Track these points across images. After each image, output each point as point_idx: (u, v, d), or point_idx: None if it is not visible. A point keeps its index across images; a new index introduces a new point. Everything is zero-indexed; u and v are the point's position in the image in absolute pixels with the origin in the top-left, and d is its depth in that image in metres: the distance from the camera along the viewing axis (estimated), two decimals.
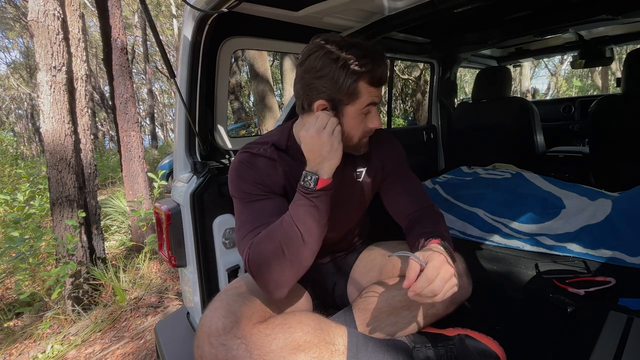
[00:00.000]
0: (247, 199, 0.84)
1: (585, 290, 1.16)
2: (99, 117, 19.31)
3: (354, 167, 0.97)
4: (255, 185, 0.84)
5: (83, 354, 2.08)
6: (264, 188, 0.85)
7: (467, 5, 1.15)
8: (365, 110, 0.81)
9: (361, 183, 0.99)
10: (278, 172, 0.86)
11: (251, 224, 0.80)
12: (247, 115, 9.74)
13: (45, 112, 2.47)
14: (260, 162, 0.86)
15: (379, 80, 0.79)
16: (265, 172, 0.85)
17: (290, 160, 0.89)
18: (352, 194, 0.99)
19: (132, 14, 14.32)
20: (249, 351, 0.70)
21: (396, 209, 1.00)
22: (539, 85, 27.05)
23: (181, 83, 1.17)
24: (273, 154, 0.88)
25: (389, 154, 1.01)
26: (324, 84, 0.77)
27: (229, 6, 0.97)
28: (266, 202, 0.83)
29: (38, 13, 2.38)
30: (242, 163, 0.86)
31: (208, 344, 0.71)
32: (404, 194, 0.99)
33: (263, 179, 0.85)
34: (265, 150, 0.87)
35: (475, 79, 2.51)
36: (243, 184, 0.84)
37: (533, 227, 1.62)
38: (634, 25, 2.02)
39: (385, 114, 2.70)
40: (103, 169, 8.10)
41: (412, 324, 0.90)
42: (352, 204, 1.00)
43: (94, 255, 2.78)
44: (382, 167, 1.00)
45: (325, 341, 0.78)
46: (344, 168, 0.92)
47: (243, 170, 0.85)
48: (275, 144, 0.89)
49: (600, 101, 1.94)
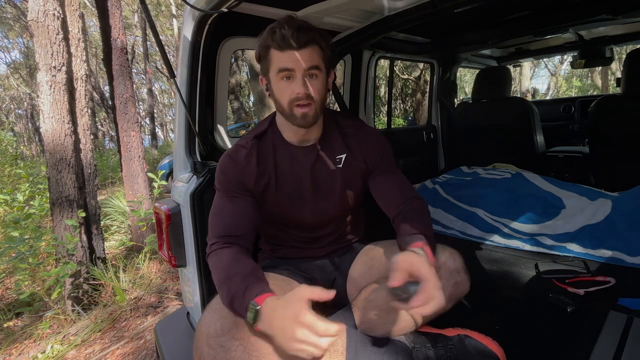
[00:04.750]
0: (224, 193, 0.96)
1: (585, 290, 1.16)
2: (99, 117, 19.30)
3: (332, 152, 1.01)
4: (232, 183, 0.95)
5: (83, 354, 2.08)
6: (239, 186, 0.95)
7: (467, 5, 1.15)
8: (282, 76, 0.85)
9: (342, 169, 1.01)
10: (252, 165, 0.95)
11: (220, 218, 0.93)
12: (247, 115, 9.74)
13: (45, 112, 2.47)
14: (240, 155, 0.96)
15: (280, 45, 0.83)
16: (242, 165, 0.95)
17: (270, 144, 0.99)
18: (332, 179, 1.02)
19: (132, 14, 14.32)
20: (247, 352, 0.70)
21: (384, 200, 1.04)
22: (538, 85, 27.07)
23: (181, 83, 1.17)
24: (253, 147, 0.97)
25: (372, 147, 1.03)
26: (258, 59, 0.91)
27: (229, 6, 0.98)
28: (237, 202, 0.95)
29: (38, 13, 2.38)
30: (228, 156, 0.97)
31: (207, 345, 0.71)
32: (390, 186, 1.04)
33: (239, 175, 0.95)
34: (247, 144, 0.97)
35: (475, 79, 2.51)
36: (223, 178, 0.96)
37: (533, 227, 1.62)
38: (634, 25, 2.02)
39: (385, 114, 2.70)
40: (103, 169, 8.10)
41: (411, 321, 0.90)
42: (334, 190, 1.02)
43: (94, 255, 2.78)
44: (364, 159, 1.03)
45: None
46: (318, 154, 0.99)
47: (226, 164, 0.96)
48: (257, 135, 0.99)
49: (600, 101, 1.94)
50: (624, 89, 1.84)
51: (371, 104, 2.10)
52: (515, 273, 1.37)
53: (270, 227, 1.10)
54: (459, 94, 7.06)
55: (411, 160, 2.43)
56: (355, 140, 1.03)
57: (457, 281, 0.89)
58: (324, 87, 0.90)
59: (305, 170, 0.99)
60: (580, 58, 2.43)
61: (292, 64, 0.83)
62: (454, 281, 0.89)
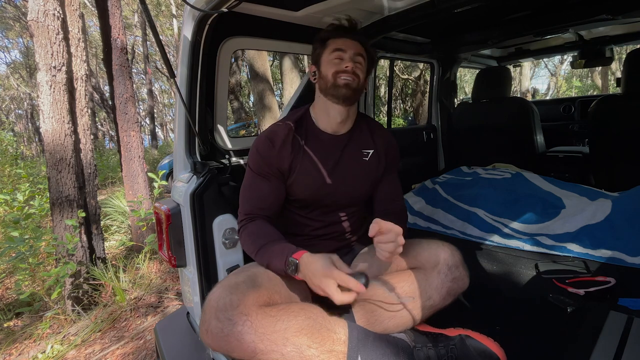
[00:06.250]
0: (256, 173, 1.04)
1: (585, 290, 1.16)
2: (99, 117, 19.29)
3: (359, 146, 1.10)
4: (265, 164, 1.02)
5: (83, 354, 2.08)
6: (271, 168, 1.03)
7: (467, 5, 1.15)
8: (335, 56, 1.00)
9: (368, 162, 1.11)
10: (287, 148, 1.03)
11: (252, 196, 1.03)
12: (247, 115, 9.74)
13: (45, 112, 2.47)
14: (278, 138, 1.03)
15: (339, 32, 1.02)
16: (278, 148, 1.02)
17: (304, 131, 1.07)
18: (358, 169, 1.10)
19: (132, 14, 14.31)
20: (253, 328, 0.73)
21: (379, 198, 1.16)
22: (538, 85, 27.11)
23: (181, 83, 1.17)
24: (290, 131, 1.05)
25: (389, 148, 1.15)
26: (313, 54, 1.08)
27: (229, 6, 0.98)
28: (266, 182, 1.04)
29: (38, 13, 2.37)
30: (265, 137, 1.04)
31: (215, 318, 0.74)
32: (387, 188, 1.15)
33: (273, 158, 1.02)
34: (286, 127, 1.05)
35: (475, 79, 2.51)
36: (258, 157, 1.03)
37: (533, 227, 1.62)
38: (634, 25, 2.02)
39: (385, 114, 2.70)
40: (103, 169, 8.10)
41: (409, 317, 0.91)
42: (358, 179, 1.10)
43: (94, 255, 2.78)
44: (385, 155, 1.14)
45: (327, 328, 0.79)
46: (347, 144, 1.08)
47: (264, 145, 1.03)
48: (296, 120, 1.08)
49: (600, 101, 1.94)
50: (624, 89, 1.84)
51: (371, 104, 2.10)
52: (515, 273, 1.37)
53: (287, 212, 1.14)
54: (459, 94, 7.07)
55: (411, 160, 2.43)
56: (381, 139, 1.14)
57: (456, 276, 0.92)
58: (364, 77, 1.04)
59: (334, 157, 1.07)
60: (580, 58, 2.43)
61: (345, 46, 1.00)
62: (453, 276, 0.92)
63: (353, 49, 1.00)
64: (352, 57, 1.00)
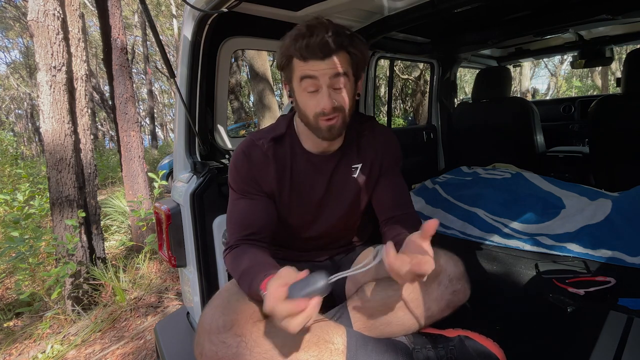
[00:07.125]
0: (239, 194, 0.93)
1: (585, 290, 1.16)
2: (99, 117, 19.29)
3: (350, 162, 0.97)
4: (247, 182, 0.92)
5: (83, 354, 2.08)
6: (255, 187, 0.92)
7: (467, 5, 1.15)
8: (306, 85, 0.79)
9: (356, 179, 0.98)
10: (270, 169, 0.92)
11: (237, 221, 0.92)
12: (247, 115, 9.74)
13: (45, 112, 2.47)
14: (256, 155, 0.92)
15: (304, 54, 0.76)
16: (257, 167, 0.92)
17: (288, 150, 0.94)
18: (345, 190, 0.98)
19: (132, 14, 14.31)
20: (248, 349, 0.71)
21: (379, 205, 1.01)
22: (538, 85, 27.11)
23: (181, 83, 1.17)
24: (269, 150, 0.92)
25: (387, 152, 1.01)
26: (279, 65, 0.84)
27: (229, 6, 0.98)
28: (253, 203, 0.93)
29: (38, 13, 2.38)
30: (242, 153, 0.92)
31: (208, 341, 0.72)
32: (390, 190, 1.00)
33: (254, 175, 0.92)
34: (263, 145, 0.92)
35: (475, 79, 2.51)
36: (238, 177, 0.92)
37: (533, 227, 1.62)
38: (634, 25, 2.02)
39: (385, 114, 2.70)
40: (103, 169, 8.10)
41: (406, 325, 0.89)
42: (347, 200, 0.99)
43: (94, 255, 2.78)
44: (380, 163, 1.00)
45: (325, 340, 0.78)
46: (337, 164, 0.96)
47: (240, 162, 0.92)
48: (275, 137, 0.93)
49: (600, 101, 1.94)
50: (624, 89, 1.84)
51: (371, 103, 2.10)
52: (515, 273, 1.37)
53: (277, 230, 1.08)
54: (459, 94, 7.06)
55: (411, 160, 2.43)
56: (373, 145, 0.99)
57: (457, 289, 0.87)
58: (352, 95, 0.84)
59: (322, 180, 0.96)
60: (580, 58, 2.43)
61: (316, 73, 0.77)
62: (453, 289, 0.86)
63: (328, 72, 0.77)
64: (329, 84, 0.78)
